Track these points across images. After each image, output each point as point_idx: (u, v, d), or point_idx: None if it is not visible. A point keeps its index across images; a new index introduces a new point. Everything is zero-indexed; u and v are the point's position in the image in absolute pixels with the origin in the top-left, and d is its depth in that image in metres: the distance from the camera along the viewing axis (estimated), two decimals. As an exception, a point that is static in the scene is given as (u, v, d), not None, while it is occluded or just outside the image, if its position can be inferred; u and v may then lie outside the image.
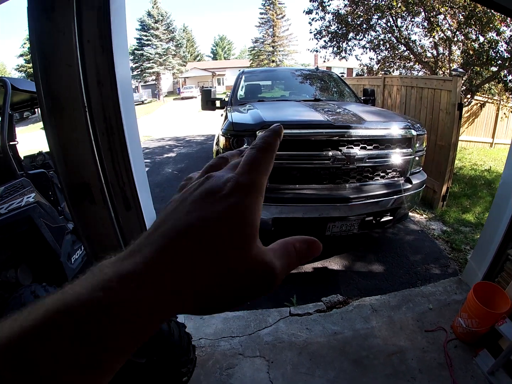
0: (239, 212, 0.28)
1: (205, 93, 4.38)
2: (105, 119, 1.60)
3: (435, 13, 7.79)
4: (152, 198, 2.06)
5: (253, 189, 0.30)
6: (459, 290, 2.83)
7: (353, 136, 2.76)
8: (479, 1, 1.91)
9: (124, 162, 1.69)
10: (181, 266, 0.25)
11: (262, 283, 0.28)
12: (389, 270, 3.31)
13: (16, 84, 2.84)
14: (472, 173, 6.89)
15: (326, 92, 4.94)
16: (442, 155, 4.72)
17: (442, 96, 4.74)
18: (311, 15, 9.59)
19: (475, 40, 7.45)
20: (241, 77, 4.89)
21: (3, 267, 2.16)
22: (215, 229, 0.26)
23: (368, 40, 9.50)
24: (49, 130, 1.53)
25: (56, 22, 1.40)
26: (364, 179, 2.94)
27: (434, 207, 4.87)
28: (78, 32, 1.44)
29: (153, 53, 42.92)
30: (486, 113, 9.76)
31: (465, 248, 3.70)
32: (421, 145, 3.18)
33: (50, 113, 1.50)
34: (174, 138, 12.60)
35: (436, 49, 8.68)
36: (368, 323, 2.49)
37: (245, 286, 0.27)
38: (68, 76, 1.47)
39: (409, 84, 5.79)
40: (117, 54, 1.55)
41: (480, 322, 2.14)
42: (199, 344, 2.25)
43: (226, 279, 0.26)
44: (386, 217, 3.09)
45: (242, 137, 2.75)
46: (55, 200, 2.98)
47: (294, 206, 2.78)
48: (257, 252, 0.28)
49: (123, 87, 1.62)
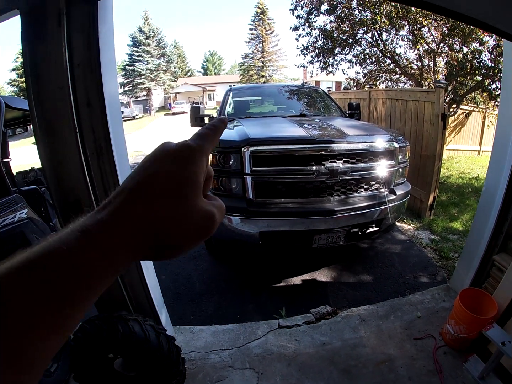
0: (187, 170, 0.35)
1: (193, 110, 4.44)
2: (95, 140, 1.68)
3: (419, 26, 7.99)
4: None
5: (199, 151, 0.37)
6: (447, 297, 2.87)
7: (335, 151, 2.83)
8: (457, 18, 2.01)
9: (114, 181, 1.76)
10: (142, 212, 0.32)
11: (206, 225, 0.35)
12: (377, 280, 3.35)
13: (9, 102, 2.91)
14: (459, 181, 6.99)
15: (312, 107, 5.02)
16: (427, 165, 4.80)
17: (426, 108, 4.84)
18: (297, 31, 9.79)
19: (459, 51, 7.64)
20: (229, 94, 4.98)
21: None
22: (170, 182, 0.34)
23: (354, 55, 9.70)
24: (42, 149, 1.60)
25: (48, 46, 1.48)
26: (348, 191, 2.99)
27: (421, 217, 4.93)
28: (69, 55, 1.52)
29: (144, 69, 43.06)
30: (472, 121, 9.94)
31: (453, 255, 3.74)
32: (404, 157, 3.26)
33: (43, 134, 1.58)
34: (166, 153, 12.59)
35: (421, 61, 8.87)
36: (356, 333, 2.52)
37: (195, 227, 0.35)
38: (59, 98, 1.54)
39: (393, 96, 5.92)
40: (106, 76, 1.63)
41: (468, 328, 2.17)
42: (189, 358, 2.26)
43: (181, 222, 0.33)
44: (372, 228, 3.13)
45: (228, 154, 2.81)
46: (47, 216, 3.01)
47: (281, 220, 2.83)
48: (202, 201, 0.36)
49: (111, 108, 1.70)
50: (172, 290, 3.25)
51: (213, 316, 2.85)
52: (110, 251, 0.30)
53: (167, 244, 0.34)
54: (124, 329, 1.61)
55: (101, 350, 1.63)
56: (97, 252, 0.29)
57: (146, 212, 0.32)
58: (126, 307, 1.98)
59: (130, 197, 0.33)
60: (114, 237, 0.30)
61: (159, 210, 0.32)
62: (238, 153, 2.77)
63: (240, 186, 2.84)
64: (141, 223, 0.31)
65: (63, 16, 1.47)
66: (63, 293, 0.27)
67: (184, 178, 0.35)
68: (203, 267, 3.70)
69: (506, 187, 2.41)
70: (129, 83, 43.16)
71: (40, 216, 2.79)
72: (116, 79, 1.92)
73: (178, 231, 0.33)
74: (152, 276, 2.23)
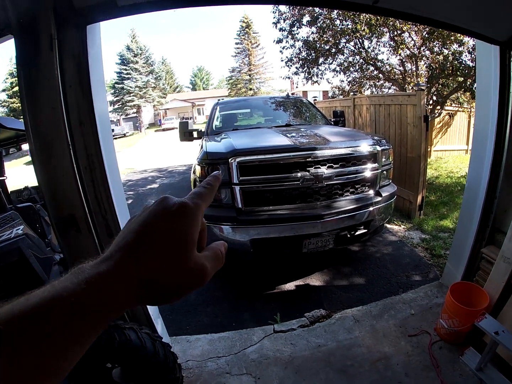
0: (183, 228, 0.39)
1: (182, 125, 4.53)
2: (87, 155, 1.77)
3: (399, 32, 8.11)
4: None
5: (195, 210, 0.41)
6: (440, 293, 2.91)
7: (319, 157, 2.91)
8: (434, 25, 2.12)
9: (106, 192, 1.85)
10: (140, 266, 0.35)
11: (198, 278, 0.39)
12: (370, 281, 3.39)
13: (3, 123, 2.98)
14: (448, 180, 7.06)
15: (298, 117, 5.12)
16: (413, 167, 4.89)
17: (409, 111, 4.95)
18: (281, 44, 9.93)
19: (440, 53, 7.74)
20: (216, 107, 5.09)
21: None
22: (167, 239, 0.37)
23: (337, 63, 9.81)
24: (38, 166, 1.68)
25: (42, 69, 1.57)
26: (334, 195, 3.06)
27: (411, 217, 5.00)
28: (61, 77, 1.61)
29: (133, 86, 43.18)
30: (458, 121, 10.11)
31: (444, 253, 3.79)
32: (387, 159, 3.35)
33: (39, 153, 1.65)
34: (157, 169, 12.59)
35: (403, 66, 8.98)
36: (351, 333, 2.55)
37: (187, 280, 0.38)
38: (53, 118, 1.63)
39: (377, 102, 6.03)
40: (96, 95, 1.73)
41: (461, 321, 2.20)
42: (186, 366, 2.29)
43: (175, 276, 0.37)
44: (360, 231, 3.19)
45: (216, 165, 2.88)
46: (42, 232, 3.04)
47: (270, 226, 2.88)
48: (195, 256, 0.39)
49: (102, 125, 1.79)
50: (168, 302, 3.25)
51: (209, 325, 2.87)
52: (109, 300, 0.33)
53: (161, 294, 0.37)
54: (120, 337, 1.64)
55: (99, 359, 1.66)
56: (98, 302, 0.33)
57: (142, 270, 0.35)
58: (122, 317, 2.01)
59: (128, 254, 0.36)
60: (114, 289, 0.34)
61: (155, 267, 0.36)
62: (225, 164, 2.84)
63: (229, 195, 2.90)
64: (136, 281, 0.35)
65: (55, 41, 1.55)
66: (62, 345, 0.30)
67: (181, 237, 0.38)
68: (198, 278, 3.70)
69: (488, 181, 2.48)
70: (119, 101, 43.22)
71: (36, 232, 2.84)
72: (105, 97, 2.01)
73: (172, 284, 0.37)
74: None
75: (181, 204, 0.40)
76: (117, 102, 43.28)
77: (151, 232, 0.37)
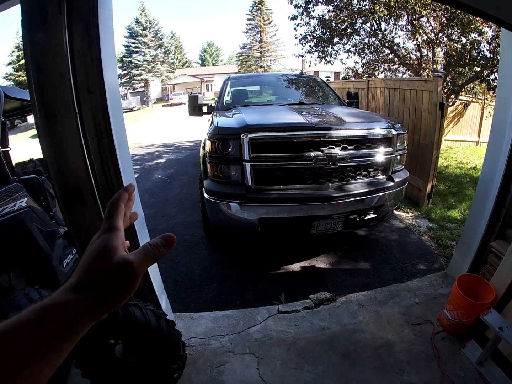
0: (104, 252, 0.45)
1: (192, 99, 4.43)
2: (95, 125, 1.68)
3: (417, 16, 7.89)
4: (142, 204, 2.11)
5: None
6: (445, 283, 2.89)
7: (333, 137, 2.83)
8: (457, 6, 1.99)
9: (114, 164, 1.77)
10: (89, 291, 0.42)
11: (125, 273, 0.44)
12: (375, 267, 3.37)
13: (8, 93, 2.89)
14: (458, 171, 6.98)
15: (311, 96, 5.02)
16: (425, 154, 4.80)
17: (424, 97, 4.83)
18: (296, 21, 9.68)
19: (458, 41, 7.52)
20: (227, 83, 4.97)
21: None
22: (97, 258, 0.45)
23: (352, 44, 9.59)
24: (43, 137, 1.61)
25: (49, 33, 1.48)
26: (347, 178, 3.00)
27: (419, 205, 4.95)
28: (69, 42, 1.52)
29: (142, 60, 42.68)
30: (471, 112, 9.90)
31: (451, 243, 3.76)
32: (402, 144, 3.26)
33: (44, 121, 1.58)
34: (164, 144, 12.55)
35: (419, 51, 8.77)
36: (355, 318, 2.54)
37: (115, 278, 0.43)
38: (60, 85, 1.54)
39: (392, 86, 5.89)
40: (106, 63, 1.63)
41: (466, 313, 2.18)
42: (190, 343, 2.28)
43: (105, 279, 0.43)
44: (370, 215, 3.15)
45: (227, 141, 2.81)
46: (47, 205, 3.01)
47: (279, 206, 2.84)
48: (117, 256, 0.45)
49: (111, 94, 1.70)
50: (172, 278, 3.27)
51: (213, 303, 2.87)
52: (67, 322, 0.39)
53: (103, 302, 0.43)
54: (124, 313, 1.62)
55: (102, 335, 1.64)
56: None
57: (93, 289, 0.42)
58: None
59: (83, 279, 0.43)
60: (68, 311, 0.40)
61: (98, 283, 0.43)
62: (237, 140, 2.77)
63: (239, 173, 2.84)
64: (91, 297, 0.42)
65: (63, 3, 1.46)
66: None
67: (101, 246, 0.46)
68: (203, 255, 3.72)
69: (503, 174, 2.41)
70: (127, 74, 42.82)
71: (40, 205, 2.79)
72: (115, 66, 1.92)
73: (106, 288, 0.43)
74: (152, 262, 2.24)
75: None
76: (124, 76, 42.85)
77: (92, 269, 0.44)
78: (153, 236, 0.53)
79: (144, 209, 2.06)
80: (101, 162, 1.75)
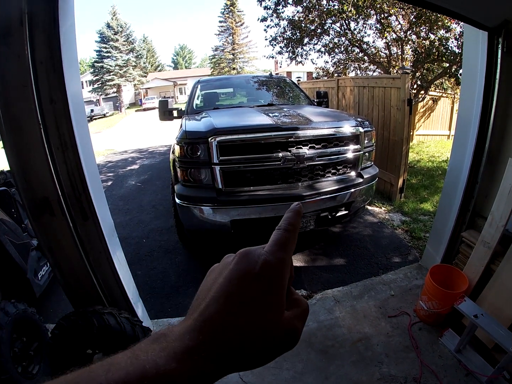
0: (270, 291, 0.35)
1: (162, 104, 4.40)
2: (59, 135, 1.69)
3: (386, 15, 8.06)
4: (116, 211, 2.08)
5: (281, 267, 0.36)
6: (419, 275, 2.97)
7: (301, 137, 2.86)
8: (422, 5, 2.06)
9: (79, 173, 1.78)
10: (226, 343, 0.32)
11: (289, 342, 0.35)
12: (350, 262, 3.42)
13: None
14: (429, 164, 7.16)
15: (281, 97, 5.04)
16: (396, 150, 4.90)
17: (393, 94, 4.92)
18: (266, 22, 9.70)
19: (426, 38, 7.72)
20: (197, 86, 4.95)
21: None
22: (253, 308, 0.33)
23: (322, 44, 9.68)
24: (9, 148, 1.61)
25: (12, 46, 1.50)
26: (316, 176, 3.04)
27: (392, 200, 5.05)
28: (31, 54, 1.53)
29: (113, 65, 41.81)
30: (441, 107, 10.22)
31: (424, 235, 3.85)
32: (370, 141, 3.33)
33: (8, 132, 1.59)
34: (137, 150, 12.33)
35: (388, 49, 8.94)
36: (331, 314, 2.57)
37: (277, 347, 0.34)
38: (23, 95, 1.56)
39: (361, 84, 5.98)
40: (68, 73, 1.65)
41: (440, 303, 2.24)
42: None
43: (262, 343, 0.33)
44: (341, 212, 3.19)
45: (195, 145, 2.79)
46: (18, 218, 2.95)
47: (251, 207, 2.85)
48: (285, 317, 0.35)
49: (74, 104, 1.72)
50: (148, 285, 3.23)
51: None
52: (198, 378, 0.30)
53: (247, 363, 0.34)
54: (99, 322, 1.63)
55: (78, 345, 1.63)
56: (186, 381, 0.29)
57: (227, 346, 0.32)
58: (101, 301, 1.99)
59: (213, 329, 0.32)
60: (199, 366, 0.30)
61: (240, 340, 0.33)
62: (205, 143, 2.76)
63: (209, 176, 2.83)
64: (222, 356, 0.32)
65: (25, 15, 1.48)
66: None
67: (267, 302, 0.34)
68: (178, 260, 3.69)
69: (470, 166, 2.49)
70: (98, 80, 41.87)
71: (12, 217, 2.77)
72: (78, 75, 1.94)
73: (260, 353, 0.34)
74: (125, 270, 2.23)
75: (264, 264, 0.35)
76: (96, 82, 41.88)
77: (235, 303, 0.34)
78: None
79: (119, 216, 2.04)
80: (67, 172, 1.75)
